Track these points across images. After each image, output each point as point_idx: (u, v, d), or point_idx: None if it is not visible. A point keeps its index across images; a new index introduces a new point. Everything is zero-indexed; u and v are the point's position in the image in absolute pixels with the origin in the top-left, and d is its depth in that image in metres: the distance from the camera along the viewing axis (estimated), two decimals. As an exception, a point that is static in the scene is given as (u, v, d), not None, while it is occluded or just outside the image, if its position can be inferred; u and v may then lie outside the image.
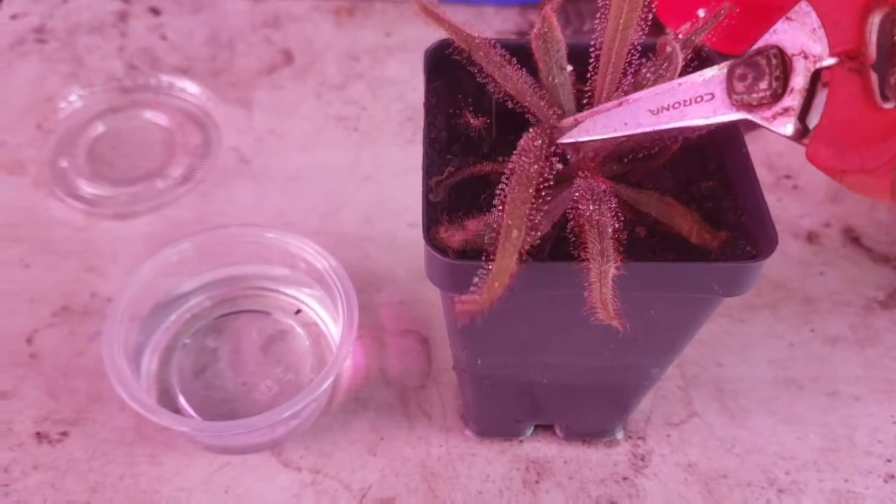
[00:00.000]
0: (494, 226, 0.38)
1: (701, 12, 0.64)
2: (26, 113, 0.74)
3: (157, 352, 0.57)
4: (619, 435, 0.55)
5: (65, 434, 0.55)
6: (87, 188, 0.68)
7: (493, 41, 0.44)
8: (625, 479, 0.53)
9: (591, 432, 0.54)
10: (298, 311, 0.59)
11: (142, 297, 0.55)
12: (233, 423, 0.50)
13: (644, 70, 0.43)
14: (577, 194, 0.40)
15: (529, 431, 0.54)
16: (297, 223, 0.65)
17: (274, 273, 0.59)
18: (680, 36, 0.43)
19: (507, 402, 0.52)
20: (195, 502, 0.52)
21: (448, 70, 0.46)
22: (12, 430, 0.55)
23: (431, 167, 0.43)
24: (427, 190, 0.42)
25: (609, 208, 0.38)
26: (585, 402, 0.51)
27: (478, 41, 0.44)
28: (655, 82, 0.43)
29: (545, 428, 0.55)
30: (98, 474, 0.53)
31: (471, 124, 0.45)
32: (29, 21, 0.82)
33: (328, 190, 0.68)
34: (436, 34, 0.87)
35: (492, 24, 0.82)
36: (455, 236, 0.40)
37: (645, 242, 0.41)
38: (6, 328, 0.60)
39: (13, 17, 0.83)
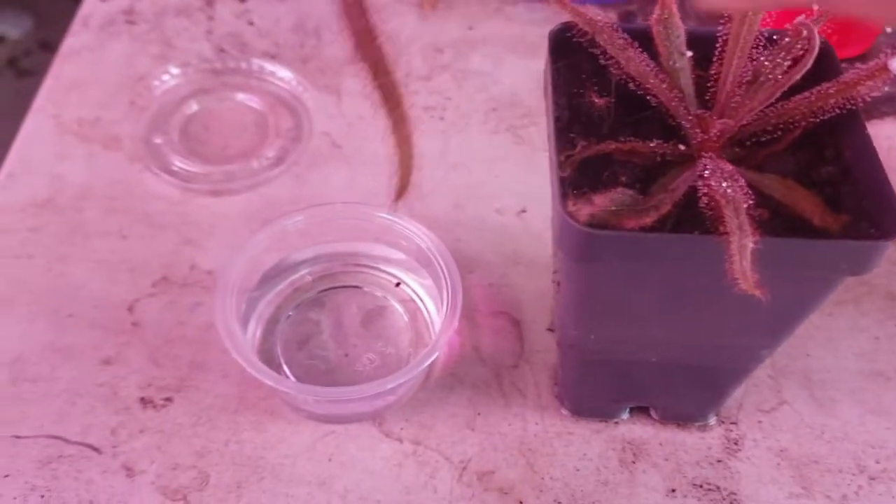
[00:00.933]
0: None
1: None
2: (119, 91, 0.75)
3: (261, 323, 0.58)
4: (713, 420, 0.56)
5: (169, 400, 0.56)
6: (181, 164, 0.69)
7: (615, 25, 0.46)
8: (719, 461, 0.54)
9: (687, 416, 0.55)
10: (398, 284, 0.60)
11: (249, 269, 0.56)
12: (341, 389, 0.51)
13: (763, 59, 0.45)
14: (706, 172, 0.41)
15: (626, 414, 0.55)
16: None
17: (374, 251, 0.60)
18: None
19: (610, 381, 0.53)
20: (299, 468, 0.53)
21: (569, 52, 0.47)
22: (118, 394, 0.56)
23: (558, 144, 0.44)
24: (557, 165, 0.43)
25: (740, 186, 0.39)
26: (687, 384, 0.52)
27: (601, 24, 0.45)
28: (774, 70, 0.45)
29: (640, 411, 0.56)
30: (203, 439, 0.54)
31: (593, 104, 0.47)
32: (118, 3, 0.84)
33: (418, 176, 0.69)
34: (515, 29, 0.88)
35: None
36: (582, 210, 0.41)
37: (768, 224, 0.42)
38: (108, 296, 0.61)
39: (104, -1, 0.85)
